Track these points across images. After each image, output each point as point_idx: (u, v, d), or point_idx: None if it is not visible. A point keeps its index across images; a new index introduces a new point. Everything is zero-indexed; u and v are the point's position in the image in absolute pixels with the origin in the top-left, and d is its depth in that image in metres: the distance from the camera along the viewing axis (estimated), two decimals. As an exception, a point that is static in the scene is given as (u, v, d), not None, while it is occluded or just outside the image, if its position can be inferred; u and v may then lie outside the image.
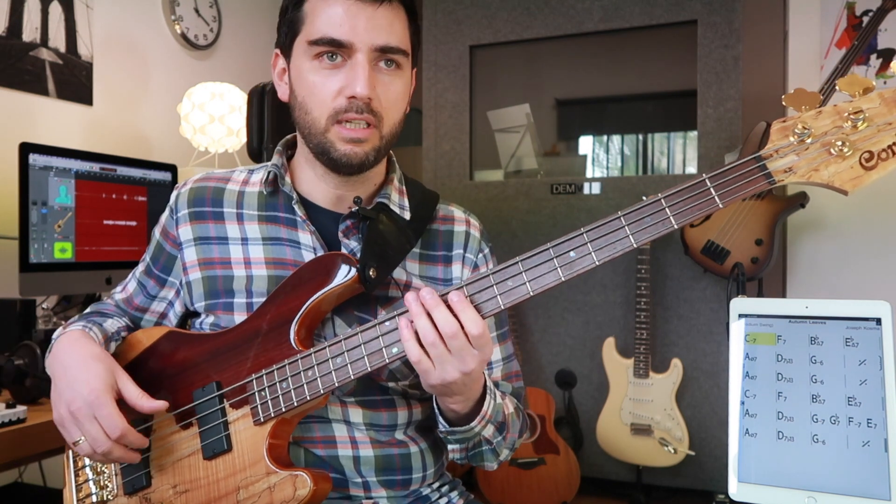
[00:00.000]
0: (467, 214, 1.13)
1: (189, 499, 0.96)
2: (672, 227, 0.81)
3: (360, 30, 0.92)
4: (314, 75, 0.95)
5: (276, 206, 1.05)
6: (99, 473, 1.02)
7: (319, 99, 0.95)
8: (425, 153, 3.28)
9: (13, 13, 2.22)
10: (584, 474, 2.74)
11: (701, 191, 0.80)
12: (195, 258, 1.05)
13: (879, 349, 0.74)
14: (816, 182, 0.77)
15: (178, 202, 1.08)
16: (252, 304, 1.01)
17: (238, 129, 2.56)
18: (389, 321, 0.88)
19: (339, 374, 0.90)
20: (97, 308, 1.15)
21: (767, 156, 0.79)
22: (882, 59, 2.78)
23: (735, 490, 0.75)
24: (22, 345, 1.46)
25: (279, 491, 0.90)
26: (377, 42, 0.93)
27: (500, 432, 0.99)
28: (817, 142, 0.77)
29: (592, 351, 2.96)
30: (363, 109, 0.93)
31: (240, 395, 0.95)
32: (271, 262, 1.02)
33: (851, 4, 2.81)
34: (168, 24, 2.86)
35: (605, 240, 0.83)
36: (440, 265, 1.06)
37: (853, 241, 2.81)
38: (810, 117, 0.78)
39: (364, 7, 0.93)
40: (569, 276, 0.83)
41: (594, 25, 3.03)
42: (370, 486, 1.00)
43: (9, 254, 1.93)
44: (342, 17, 0.92)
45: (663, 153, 3.70)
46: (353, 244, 1.01)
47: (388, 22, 0.94)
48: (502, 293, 0.85)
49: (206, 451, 0.95)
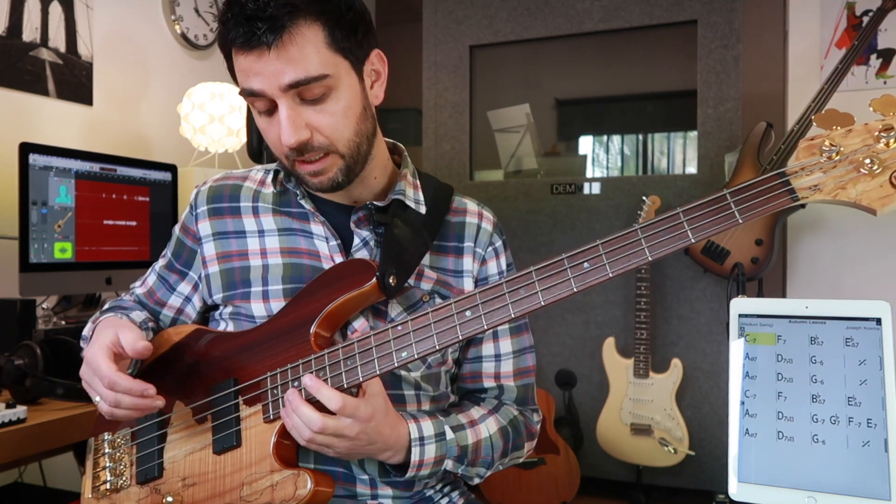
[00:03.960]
0: (481, 207, 1.14)
1: (196, 492, 0.97)
2: (689, 241, 0.80)
3: (265, 78, 0.91)
4: (260, 122, 0.99)
5: (287, 202, 1.08)
6: (116, 462, 1.04)
7: (272, 143, 0.99)
8: (425, 153, 3.28)
9: (13, 13, 2.22)
10: (584, 474, 2.74)
11: (721, 205, 0.78)
12: (213, 252, 1.08)
13: (879, 349, 0.74)
14: (843, 200, 0.75)
15: (198, 199, 1.12)
16: (268, 291, 1.03)
17: (238, 129, 2.56)
18: (402, 325, 0.90)
19: (348, 376, 0.91)
20: (118, 303, 1.18)
21: (792, 172, 0.76)
22: (882, 59, 2.78)
23: (735, 490, 0.75)
24: (22, 345, 1.46)
25: (280, 489, 0.91)
26: (284, 82, 0.90)
27: (462, 462, 1.01)
28: (845, 159, 0.75)
29: (592, 351, 2.96)
30: (304, 150, 0.94)
31: (253, 392, 0.96)
32: (286, 251, 1.05)
33: (851, 4, 2.81)
34: (168, 24, 2.86)
35: (620, 252, 0.82)
36: (451, 256, 1.08)
37: (853, 241, 2.81)
38: (839, 135, 0.76)
39: (260, 53, 0.89)
40: (581, 287, 0.83)
41: (594, 25, 3.03)
42: (377, 484, 1.01)
43: (9, 254, 1.93)
44: (247, 70, 0.92)
45: (663, 153, 3.70)
46: (366, 233, 1.04)
47: (293, 56, 0.89)
48: (513, 302, 0.85)
49: (216, 446, 0.96)
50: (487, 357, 1.10)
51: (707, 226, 0.79)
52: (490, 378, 1.11)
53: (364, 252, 1.03)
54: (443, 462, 0.99)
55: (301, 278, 1.02)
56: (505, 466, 1.09)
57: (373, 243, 1.04)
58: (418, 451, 0.96)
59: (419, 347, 0.88)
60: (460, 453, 1.00)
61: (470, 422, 1.03)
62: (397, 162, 1.12)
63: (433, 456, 0.97)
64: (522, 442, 1.09)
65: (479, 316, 0.87)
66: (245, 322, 1.04)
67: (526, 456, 1.12)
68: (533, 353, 1.14)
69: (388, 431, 0.92)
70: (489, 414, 1.06)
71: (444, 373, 1.08)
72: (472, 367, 1.11)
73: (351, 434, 0.88)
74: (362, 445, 0.90)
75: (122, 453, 1.04)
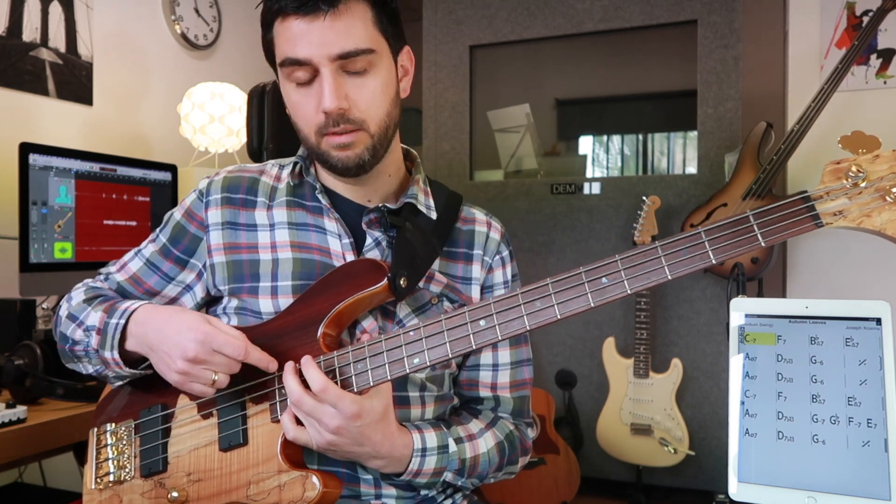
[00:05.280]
0: (489, 217, 1.15)
1: (201, 488, 0.96)
2: (710, 262, 0.79)
3: (315, 45, 0.93)
4: (294, 95, 0.99)
5: (302, 195, 1.08)
6: (119, 453, 1.03)
7: (303, 117, 0.99)
8: (425, 153, 3.28)
9: (13, 13, 2.22)
10: (584, 474, 2.74)
11: (744, 227, 0.78)
12: (220, 241, 1.07)
13: (879, 349, 0.74)
14: (867, 228, 0.74)
15: (211, 187, 1.09)
16: (277, 287, 1.02)
17: (238, 129, 2.56)
18: (414, 331, 0.89)
19: (359, 380, 0.90)
20: (97, 292, 1.10)
21: (817, 197, 0.76)
22: (882, 59, 2.78)
23: (735, 490, 0.75)
24: (22, 345, 1.46)
25: (288, 490, 0.90)
26: (334, 52, 0.93)
27: (462, 475, 1.01)
28: (871, 186, 0.74)
29: (592, 351, 2.96)
30: (339, 122, 0.95)
31: (260, 391, 0.95)
32: (296, 245, 1.04)
33: (851, 4, 2.81)
34: (168, 24, 2.86)
35: (639, 269, 0.81)
36: (461, 262, 1.09)
37: (853, 241, 2.81)
38: (866, 160, 0.75)
39: (314, 20, 0.92)
40: (599, 303, 0.82)
41: (594, 25, 3.03)
42: (381, 484, 1.01)
43: (9, 254, 1.93)
44: (297, 36, 0.94)
45: (663, 153, 3.70)
46: (378, 234, 1.04)
47: (342, 27, 0.93)
48: (529, 314, 0.84)
49: (222, 443, 0.96)
50: (485, 366, 1.11)
51: (729, 247, 0.78)
52: (486, 388, 1.11)
53: (376, 252, 1.03)
54: (442, 474, 0.99)
55: (311, 274, 1.02)
56: (496, 480, 1.10)
57: (384, 244, 1.04)
58: (418, 462, 0.96)
59: (432, 355, 0.88)
60: (460, 466, 1.01)
61: (468, 436, 1.03)
62: (408, 168, 1.13)
63: (432, 467, 0.97)
64: (517, 457, 1.10)
65: (494, 326, 0.86)
66: (251, 317, 1.03)
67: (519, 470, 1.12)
68: (530, 367, 1.15)
69: (379, 439, 0.91)
70: (487, 428, 1.07)
71: (447, 375, 1.09)
72: (469, 375, 1.11)
73: (330, 425, 0.87)
74: (347, 444, 0.89)
75: (124, 445, 1.03)
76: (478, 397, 1.11)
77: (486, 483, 1.08)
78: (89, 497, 1.03)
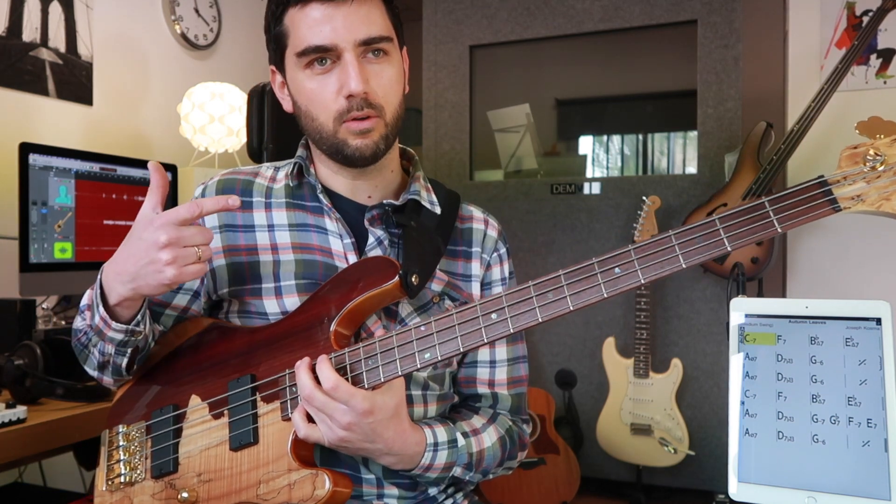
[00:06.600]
0: (486, 215, 1.16)
1: (211, 488, 0.96)
2: (725, 249, 0.78)
3: (340, 30, 0.94)
4: (310, 83, 0.98)
5: (302, 195, 1.08)
6: (131, 455, 1.03)
7: (321, 104, 0.98)
8: (425, 153, 3.28)
9: (13, 13, 2.22)
10: (584, 474, 2.74)
11: (759, 213, 0.76)
12: (220, 245, 1.06)
13: (879, 349, 0.74)
14: (887, 212, 0.74)
15: (207, 192, 1.09)
16: (280, 287, 1.02)
17: (238, 129, 2.56)
18: (425, 326, 0.89)
19: (369, 376, 0.90)
20: None
21: (834, 181, 0.75)
22: (882, 59, 2.78)
23: (735, 490, 0.75)
24: (22, 345, 1.46)
25: (298, 489, 0.90)
26: (359, 37, 0.95)
27: (470, 469, 1.02)
28: (890, 169, 0.73)
29: (592, 351, 2.96)
30: (362, 106, 0.96)
31: (271, 390, 0.95)
32: (298, 246, 1.04)
33: (851, 4, 2.81)
34: (168, 24, 2.86)
35: (652, 258, 0.80)
36: (461, 260, 1.09)
37: (853, 241, 2.81)
38: (884, 144, 0.74)
39: (339, 6, 0.95)
40: (612, 293, 0.81)
41: (594, 25, 3.03)
42: (383, 484, 1.01)
43: (9, 254, 1.93)
44: (321, 23, 0.95)
45: (663, 153, 3.70)
46: (380, 233, 1.04)
47: (365, 14, 0.96)
48: (541, 306, 0.84)
49: (233, 442, 0.96)
50: (482, 362, 1.11)
51: (744, 234, 0.77)
52: (484, 385, 1.11)
53: (378, 251, 1.03)
54: (451, 468, 0.99)
55: (314, 275, 1.02)
56: (496, 476, 1.10)
57: (387, 243, 1.04)
58: (430, 456, 0.96)
59: (443, 349, 0.88)
60: (469, 461, 1.01)
61: (473, 430, 1.04)
62: (405, 167, 1.14)
63: (443, 462, 0.98)
64: (516, 452, 1.10)
65: (506, 319, 0.85)
66: (256, 319, 1.03)
67: (517, 465, 1.13)
68: (526, 364, 1.15)
69: (391, 435, 0.91)
70: (488, 423, 1.07)
71: (448, 374, 1.09)
72: (467, 372, 1.11)
73: (342, 421, 0.87)
74: (359, 440, 0.89)
75: (136, 446, 1.03)
76: (476, 394, 1.12)
77: (487, 478, 1.08)
78: (100, 499, 1.03)
